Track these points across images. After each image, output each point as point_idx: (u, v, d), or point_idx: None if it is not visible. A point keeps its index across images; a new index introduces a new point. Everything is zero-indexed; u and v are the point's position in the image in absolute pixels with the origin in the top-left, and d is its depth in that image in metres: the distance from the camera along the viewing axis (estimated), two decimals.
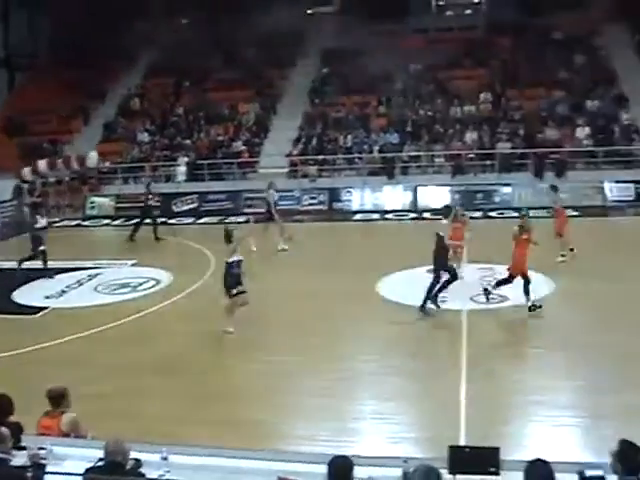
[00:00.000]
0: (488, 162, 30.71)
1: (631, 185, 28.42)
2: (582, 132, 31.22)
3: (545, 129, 31.65)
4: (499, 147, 31.06)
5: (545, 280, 17.65)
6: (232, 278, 14.84)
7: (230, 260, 14.85)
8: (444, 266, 16.18)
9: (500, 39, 37.34)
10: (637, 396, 11.43)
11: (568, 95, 33.63)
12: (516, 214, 26.42)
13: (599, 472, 6.79)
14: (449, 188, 29.58)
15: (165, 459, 6.75)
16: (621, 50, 35.98)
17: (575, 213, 26.13)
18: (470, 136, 31.84)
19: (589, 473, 6.84)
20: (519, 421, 11.11)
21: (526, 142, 31.11)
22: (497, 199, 29.09)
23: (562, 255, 19.83)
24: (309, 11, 41.49)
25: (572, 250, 19.88)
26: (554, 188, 21.66)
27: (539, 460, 5.72)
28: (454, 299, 16.83)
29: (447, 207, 17.58)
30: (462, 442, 9.76)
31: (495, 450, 6.90)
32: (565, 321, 15.36)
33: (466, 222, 18.47)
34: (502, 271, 17.56)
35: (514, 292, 16.54)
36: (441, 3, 42.15)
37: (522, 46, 36.64)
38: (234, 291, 14.85)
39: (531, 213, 26.35)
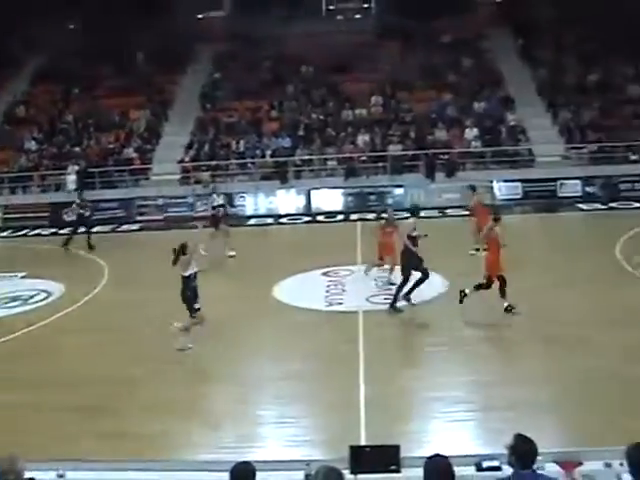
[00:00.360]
0: (380, 164, 31.08)
1: (518, 184, 29.28)
2: (470, 133, 31.98)
3: (435, 131, 32.27)
4: (390, 149, 31.48)
5: (440, 279, 17.97)
6: (192, 292, 14.25)
7: (187, 273, 14.19)
8: (416, 266, 16.19)
9: (390, 43, 37.88)
10: (525, 388, 11.85)
11: (456, 97, 34.39)
12: (408, 215, 26.94)
13: (495, 463, 7.01)
14: (342, 191, 29.82)
15: (61, 476, 6.59)
16: (506, 53, 37.09)
17: (466, 212, 26.72)
18: (362, 139, 32.17)
19: (486, 464, 7.05)
20: (417, 418, 11.31)
21: (417, 144, 31.63)
22: (390, 200, 29.35)
23: (476, 249, 20.32)
24: (199, 16, 41.16)
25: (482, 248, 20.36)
26: (472, 188, 22.27)
27: (437, 455, 5.81)
28: (350, 300, 17.00)
29: (416, 206, 17.63)
30: (363, 442, 9.86)
31: (395, 448, 7.00)
32: (457, 318, 15.67)
33: (398, 226, 17.98)
34: (397, 271, 17.81)
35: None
36: (331, 7, 42.45)
37: (411, 50, 37.29)
38: (197, 305, 14.27)
39: (422, 214, 27.17)
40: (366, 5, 42.51)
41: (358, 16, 42.24)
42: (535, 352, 13.60)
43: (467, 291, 15.71)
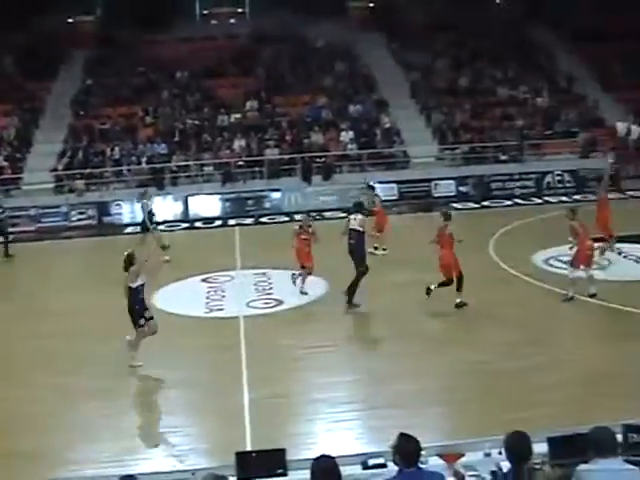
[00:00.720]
0: (257, 169, 31.02)
1: (394, 185, 29.71)
2: (346, 136, 32.32)
3: (311, 134, 32.46)
4: (267, 154, 31.49)
5: (320, 281, 18.09)
6: (140, 305, 13.54)
7: (135, 285, 13.45)
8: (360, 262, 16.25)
9: (264, 47, 37.96)
10: (408, 385, 12.09)
11: (331, 101, 34.73)
12: (287, 218, 27.03)
13: (380, 460, 7.12)
14: (219, 196, 29.63)
15: None
16: (379, 57, 37.71)
17: (343, 214, 27.01)
18: (238, 144, 32.05)
19: (371, 462, 7.15)
20: (302, 421, 11.35)
21: (293, 148, 31.76)
22: (267, 205, 29.45)
23: (383, 249, 20.75)
24: (70, 20, 40.11)
25: (384, 249, 20.63)
26: (371, 188, 22.69)
27: (323, 456, 5.85)
28: (230, 306, 16.93)
29: (359, 204, 17.95)
30: (248, 447, 9.84)
31: (281, 452, 7.02)
32: (338, 319, 15.82)
33: (314, 232, 17.79)
34: (276, 275, 17.87)
35: (289, 296, 16.88)
36: (205, 12, 42.19)
37: (286, 54, 37.47)
38: (142, 321, 13.46)
39: (300, 217, 27.28)
40: (240, 10, 42.45)
41: (232, 21, 42.17)
42: (416, 349, 13.86)
43: (432, 287, 16.01)
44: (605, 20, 36.82)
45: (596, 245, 16.76)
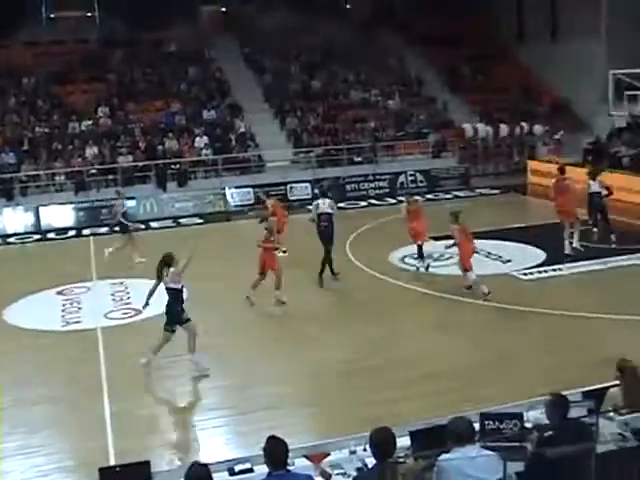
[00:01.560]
0: (110, 177, 30.42)
1: (250, 189, 29.76)
2: (201, 142, 32.14)
3: (165, 140, 32.09)
4: (121, 161, 30.94)
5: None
6: (181, 307, 13.13)
7: (179, 285, 13.01)
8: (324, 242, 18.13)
9: (114, 52, 37.28)
10: (275, 388, 12.12)
11: (185, 106, 34.48)
12: (143, 226, 26.62)
13: (247, 465, 7.11)
14: (72, 206, 28.86)
15: None
16: (232, 62, 37.78)
17: (199, 220, 27.03)
18: (90, 151, 31.32)
19: (238, 468, 7.13)
20: (168, 431, 11.20)
21: (147, 154, 31.31)
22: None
23: (283, 251, 20.33)
24: None
25: (284, 251, 20.43)
26: (266, 193, 23.63)
27: (196, 463, 5.85)
28: (87, 318, 16.53)
29: (324, 189, 20.81)
30: (112, 462, 9.63)
31: (145, 464, 6.91)
32: (200, 325, 15.68)
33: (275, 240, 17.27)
34: (133, 284, 17.58)
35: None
36: (52, 16, 41.03)
37: (137, 59, 36.95)
38: (185, 316, 13.10)
39: (156, 225, 27.01)
40: (90, 14, 41.51)
41: (82, 25, 41.14)
42: (285, 351, 13.93)
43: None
44: (451, 23, 38.12)
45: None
